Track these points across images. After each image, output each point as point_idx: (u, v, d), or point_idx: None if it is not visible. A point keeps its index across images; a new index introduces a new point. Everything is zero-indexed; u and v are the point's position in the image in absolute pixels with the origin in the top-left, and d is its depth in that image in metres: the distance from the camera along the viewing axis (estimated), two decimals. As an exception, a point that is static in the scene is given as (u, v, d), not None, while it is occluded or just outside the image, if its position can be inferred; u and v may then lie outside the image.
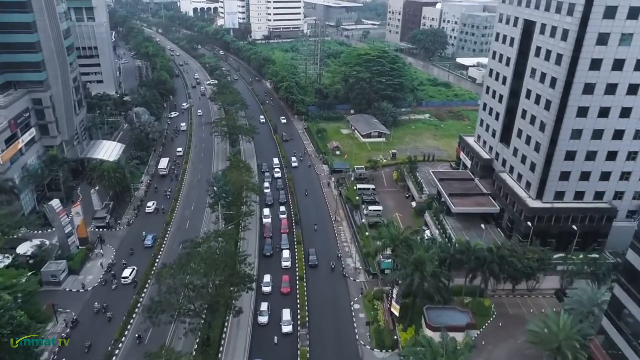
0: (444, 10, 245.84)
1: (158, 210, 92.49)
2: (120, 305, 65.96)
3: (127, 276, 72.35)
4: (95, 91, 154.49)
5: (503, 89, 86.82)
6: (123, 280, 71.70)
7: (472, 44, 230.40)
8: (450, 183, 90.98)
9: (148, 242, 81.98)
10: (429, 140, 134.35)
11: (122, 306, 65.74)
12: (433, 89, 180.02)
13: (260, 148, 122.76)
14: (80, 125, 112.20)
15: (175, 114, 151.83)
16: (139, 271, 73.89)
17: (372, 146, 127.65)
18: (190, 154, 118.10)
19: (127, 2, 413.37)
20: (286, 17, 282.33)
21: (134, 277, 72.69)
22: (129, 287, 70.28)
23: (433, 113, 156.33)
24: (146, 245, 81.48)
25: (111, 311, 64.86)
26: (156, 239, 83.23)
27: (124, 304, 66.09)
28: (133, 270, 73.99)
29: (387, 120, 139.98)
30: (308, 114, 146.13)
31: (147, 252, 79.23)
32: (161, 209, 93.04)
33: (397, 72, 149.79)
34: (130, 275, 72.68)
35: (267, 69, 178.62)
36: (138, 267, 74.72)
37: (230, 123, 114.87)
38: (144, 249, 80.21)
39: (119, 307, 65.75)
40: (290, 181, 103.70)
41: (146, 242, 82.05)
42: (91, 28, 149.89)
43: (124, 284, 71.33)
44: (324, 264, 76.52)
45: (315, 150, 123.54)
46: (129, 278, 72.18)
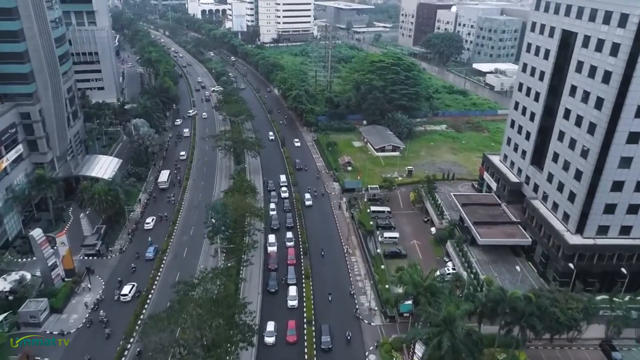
0: (459, 13, 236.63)
1: (162, 218, 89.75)
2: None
3: (126, 293, 68.85)
4: (96, 99, 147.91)
5: (535, 106, 78.06)
6: (123, 298, 68.42)
7: (489, 48, 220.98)
8: (475, 209, 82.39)
9: (149, 255, 78.45)
10: (446, 155, 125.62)
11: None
12: (449, 98, 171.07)
13: (266, 162, 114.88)
14: (76, 138, 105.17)
15: (180, 121, 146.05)
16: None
17: (386, 161, 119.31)
18: (192, 169, 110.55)
19: (134, 4, 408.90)
20: (296, 19, 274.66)
21: (135, 293, 69.30)
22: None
23: (450, 124, 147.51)
24: (147, 257, 77.90)
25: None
26: (158, 251, 79.57)
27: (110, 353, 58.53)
28: (133, 287, 70.22)
29: (401, 132, 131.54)
30: (318, 125, 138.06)
31: (149, 265, 76.23)
32: (164, 216, 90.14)
33: (412, 80, 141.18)
34: (130, 292, 69.08)
35: (276, 76, 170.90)
36: (138, 283, 71.41)
37: (235, 137, 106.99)
38: (145, 262, 77.00)
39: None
40: (298, 202, 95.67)
41: (147, 254, 78.44)
42: (92, 33, 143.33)
43: (124, 302, 67.90)
44: (338, 331, 63.84)
45: (325, 166, 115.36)
46: (129, 295, 68.66)
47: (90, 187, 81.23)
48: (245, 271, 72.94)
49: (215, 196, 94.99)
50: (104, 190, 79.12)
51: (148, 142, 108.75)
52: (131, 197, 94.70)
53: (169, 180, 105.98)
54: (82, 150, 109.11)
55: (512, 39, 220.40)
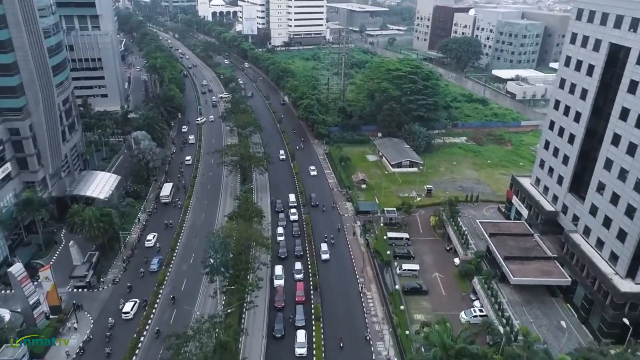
0: (478, 17, 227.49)
1: (167, 225, 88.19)
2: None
3: (128, 311, 65.81)
4: (99, 106, 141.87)
5: (575, 127, 69.53)
6: (124, 316, 65.29)
7: (509, 54, 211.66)
8: (504, 240, 74.00)
9: (153, 267, 76.09)
10: (468, 171, 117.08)
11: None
12: (468, 107, 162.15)
13: (275, 179, 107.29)
14: (72, 152, 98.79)
15: (186, 128, 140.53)
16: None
17: (403, 178, 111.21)
18: (196, 185, 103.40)
19: (145, 5, 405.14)
20: (308, 22, 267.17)
21: (136, 311, 66.31)
22: None
23: (470, 136, 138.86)
24: (151, 269, 75.45)
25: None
26: (162, 262, 77.22)
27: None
28: (135, 304, 67.34)
29: (419, 145, 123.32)
30: (330, 137, 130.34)
31: (152, 277, 73.49)
32: (169, 224, 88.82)
33: (431, 90, 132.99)
34: (131, 310, 66.04)
35: (286, 82, 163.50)
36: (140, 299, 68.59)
37: (242, 152, 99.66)
38: (150, 275, 74.48)
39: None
40: (308, 225, 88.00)
41: (152, 266, 76.19)
42: (94, 38, 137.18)
43: (125, 320, 64.68)
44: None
45: (337, 183, 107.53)
46: (130, 313, 65.67)
47: (81, 211, 74.27)
48: (248, 315, 65.22)
49: (219, 220, 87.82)
50: (95, 216, 72.10)
51: (149, 157, 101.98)
52: (128, 218, 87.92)
53: (171, 194, 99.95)
54: (79, 165, 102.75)
55: (533, 44, 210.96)
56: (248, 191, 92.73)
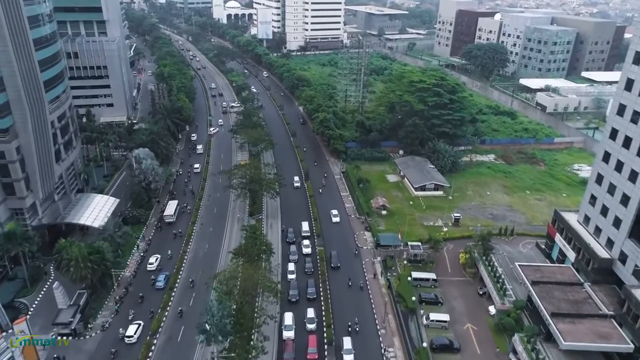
0: (504, 22, 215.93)
1: (176, 235, 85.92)
2: None
3: (131, 335, 62.06)
4: (105, 117, 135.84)
5: (639, 163, 59.22)
6: (127, 340, 61.66)
7: (538, 62, 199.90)
8: (549, 290, 63.90)
9: (160, 284, 72.85)
10: (498, 195, 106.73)
11: None
12: (496, 120, 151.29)
13: (287, 203, 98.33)
14: (69, 172, 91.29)
15: (195, 136, 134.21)
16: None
17: (427, 203, 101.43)
18: (201, 208, 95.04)
19: (161, 7, 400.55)
20: (325, 26, 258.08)
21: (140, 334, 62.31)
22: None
23: (499, 153, 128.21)
24: (157, 287, 72.30)
25: None
26: (169, 278, 73.95)
27: None
28: (139, 326, 63.61)
29: (444, 164, 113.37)
30: (347, 153, 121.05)
31: (158, 295, 70.32)
32: (179, 233, 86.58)
33: (457, 104, 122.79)
34: (135, 333, 62.41)
35: (301, 92, 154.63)
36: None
37: (252, 175, 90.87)
38: (155, 292, 71.25)
39: None
40: (322, 261, 78.83)
41: (157, 283, 73.00)
42: (100, 45, 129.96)
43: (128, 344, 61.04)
44: None
45: (355, 208, 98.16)
46: (134, 337, 61.98)
47: (69, 246, 66.19)
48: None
49: (223, 255, 79.04)
50: (83, 255, 63.84)
51: (151, 178, 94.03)
52: (125, 248, 79.93)
53: (176, 213, 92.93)
54: (77, 184, 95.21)
55: (564, 51, 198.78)
56: (257, 218, 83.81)
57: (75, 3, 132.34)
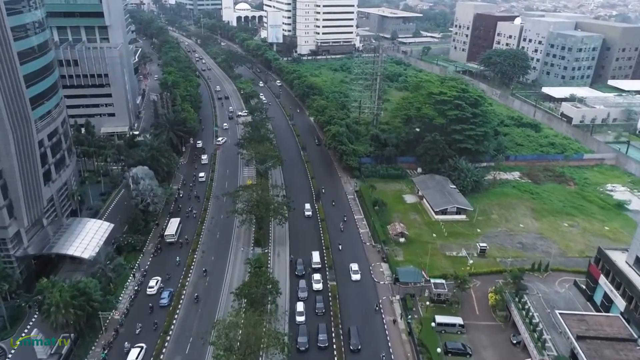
0: (525, 27, 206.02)
1: (182, 245, 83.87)
2: None
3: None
4: (106, 127, 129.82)
5: None
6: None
7: (561, 69, 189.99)
8: (598, 347, 55.35)
9: (164, 301, 69.25)
10: (526, 219, 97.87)
11: None
12: (519, 132, 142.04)
13: (295, 228, 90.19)
14: (61, 193, 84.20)
15: (200, 143, 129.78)
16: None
17: (449, 228, 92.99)
18: (203, 233, 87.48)
19: (170, 8, 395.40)
20: (337, 29, 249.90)
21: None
22: None
23: (525, 171, 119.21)
24: (161, 304, 68.82)
25: None
26: (173, 295, 70.63)
27: None
28: (141, 349, 59.94)
29: (466, 184, 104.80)
30: (360, 170, 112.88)
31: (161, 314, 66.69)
32: (184, 240, 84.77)
33: (480, 118, 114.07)
34: (137, 358, 58.65)
35: (312, 101, 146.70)
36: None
37: (258, 199, 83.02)
38: (159, 310, 68.04)
39: None
40: (335, 300, 70.82)
41: (161, 300, 69.42)
42: (101, 52, 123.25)
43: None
44: None
45: (370, 235, 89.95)
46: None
47: (51, 287, 58.84)
48: None
49: (224, 295, 71.15)
50: (65, 301, 56.26)
51: (149, 199, 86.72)
52: (118, 281, 72.61)
53: (177, 232, 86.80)
54: (70, 205, 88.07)
55: (589, 58, 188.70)
56: (264, 245, 76.06)
57: (75, 8, 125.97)
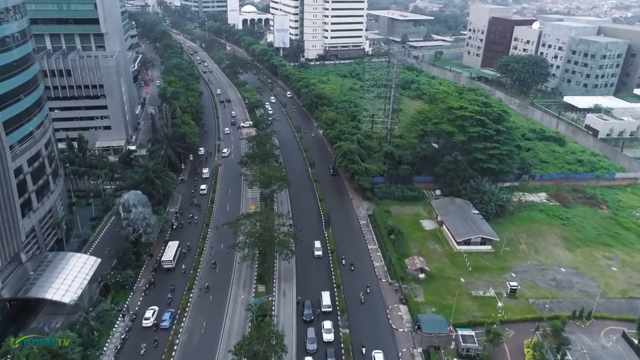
0: (545, 31, 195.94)
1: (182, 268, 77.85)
2: None
3: None
4: (101, 140, 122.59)
5: None
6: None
7: (583, 77, 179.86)
8: None
9: (165, 323, 65.59)
10: (558, 250, 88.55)
11: None
12: (542, 147, 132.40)
13: (303, 264, 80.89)
14: (44, 223, 76.14)
15: (202, 150, 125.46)
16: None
17: (473, 262, 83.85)
18: (202, 265, 78.88)
19: (175, 10, 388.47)
20: (346, 33, 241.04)
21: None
22: None
23: (552, 192, 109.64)
24: (162, 326, 65.11)
25: None
26: (175, 316, 67.00)
27: None
28: None
29: (489, 209, 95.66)
30: (373, 191, 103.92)
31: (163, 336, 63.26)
32: (181, 270, 77.90)
33: (505, 136, 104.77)
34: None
35: (321, 112, 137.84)
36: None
37: (262, 232, 74.22)
38: (160, 332, 64.29)
39: None
40: (348, 353, 61.93)
41: (162, 323, 65.70)
42: (96, 61, 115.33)
43: None
44: None
45: (386, 269, 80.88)
46: None
47: (19, 350, 50.35)
48: None
49: (221, 351, 62.31)
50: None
51: (142, 229, 78.26)
52: (103, 328, 64.18)
53: (176, 257, 79.52)
54: (55, 236, 79.91)
55: (613, 65, 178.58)
56: (265, 301, 67.17)
57: (69, 14, 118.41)
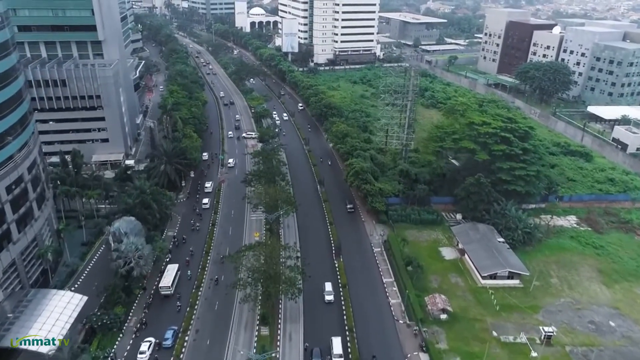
0: (566, 37, 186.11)
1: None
2: None
3: None
4: (98, 154, 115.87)
5: None
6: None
7: (609, 85, 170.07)
8: None
9: (167, 342, 63.21)
10: (594, 285, 79.88)
11: None
12: (568, 163, 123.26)
13: (312, 303, 72.78)
14: (26, 255, 68.97)
15: (206, 155, 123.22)
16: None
17: (500, 299, 75.45)
18: (199, 304, 71.20)
19: (183, 13, 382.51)
20: (356, 37, 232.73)
21: None
22: None
23: (582, 215, 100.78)
24: (165, 345, 62.82)
25: None
26: (177, 334, 64.57)
27: None
28: None
29: (516, 236, 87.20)
30: (388, 214, 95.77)
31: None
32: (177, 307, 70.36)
33: (533, 154, 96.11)
34: None
35: (331, 125, 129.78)
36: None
37: (266, 267, 66.45)
38: (163, 352, 61.81)
39: None
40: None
41: (165, 342, 63.23)
42: (92, 71, 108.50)
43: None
44: None
45: (403, 308, 72.62)
46: None
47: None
48: None
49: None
50: None
51: (133, 262, 70.78)
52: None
53: (175, 283, 73.35)
54: (40, 267, 72.75)
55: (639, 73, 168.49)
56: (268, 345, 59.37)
57: (64, 21, 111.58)
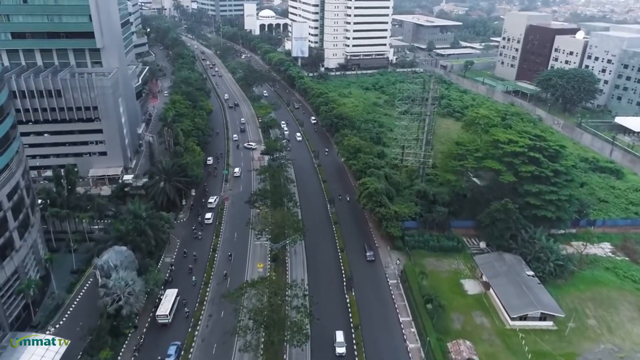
0: (591, 42, 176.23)
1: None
2: None
3: None
4: (96, 167, 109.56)
5: None
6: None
7: (637, 94, 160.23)
8: None
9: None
10: (637, 328, 71.23)
11: None
12: (598, 180, 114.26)
13: (320, 353, 65.10)
14: (5, 291, 62.25)
15: (211, 160, 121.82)
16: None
17: (532, 344, 67.20)
18: (194, 346, 63.97)
19: (192, 14, 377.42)
20: (369, 41, 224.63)
21: None
22: None
23: (617, 241, 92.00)
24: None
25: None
26: (181, 349, 62.25)
27: None
28: None
29: (547, 269, 78.80)
30: (404, 240, 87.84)
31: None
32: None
33: (564, 177, 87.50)
34: None
35: (342, 137, 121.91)
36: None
37: (269, 309, 58.99)
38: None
39: None
40: None
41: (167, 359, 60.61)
42: (90, 81, 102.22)
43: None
44: None
45: (423, 354, 64.69)
46: None
47: None
48: None
49: None
50: None
51: (123, 300, 63.68)
52: None
53: (173, 311, 67.60)
54: (22, 301, 66.06)
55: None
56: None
57: (60, 28, 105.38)
